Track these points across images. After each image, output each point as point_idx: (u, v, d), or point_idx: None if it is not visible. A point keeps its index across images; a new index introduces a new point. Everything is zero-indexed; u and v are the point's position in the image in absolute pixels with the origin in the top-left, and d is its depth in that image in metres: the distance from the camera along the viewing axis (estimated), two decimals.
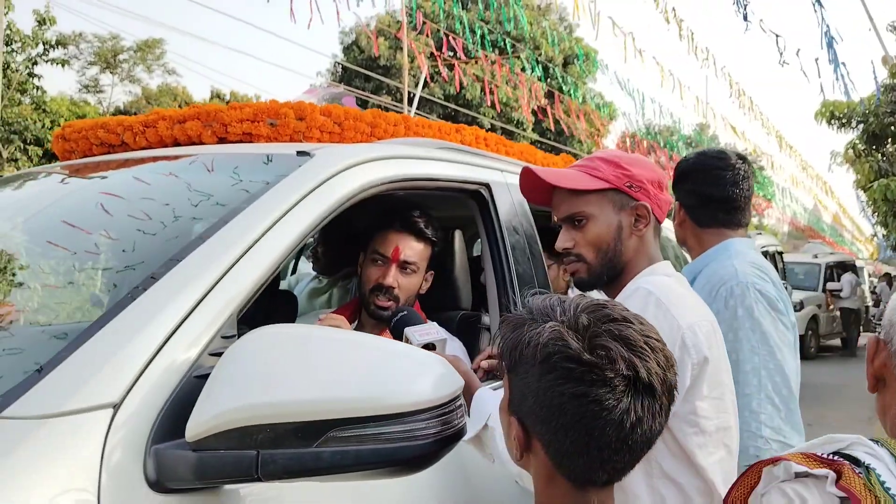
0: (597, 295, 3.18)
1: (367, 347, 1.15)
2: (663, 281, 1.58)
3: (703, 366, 1.47)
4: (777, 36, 8.29)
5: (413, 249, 2.19)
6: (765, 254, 9.14)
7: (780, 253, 10.93)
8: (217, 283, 1.28)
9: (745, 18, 7.84)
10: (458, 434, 1.17)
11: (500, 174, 2.41)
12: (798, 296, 13.14)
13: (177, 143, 2.32)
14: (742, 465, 1.77)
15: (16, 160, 15.49)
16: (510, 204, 2.35)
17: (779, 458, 1.03)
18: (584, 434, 0.97)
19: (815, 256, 16.22)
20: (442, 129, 2.67)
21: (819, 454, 1.01)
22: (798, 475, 1.02)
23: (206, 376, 1.18)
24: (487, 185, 2.27)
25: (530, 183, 1.75)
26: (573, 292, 3.33)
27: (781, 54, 8.23)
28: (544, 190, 1.73)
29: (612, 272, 1.66)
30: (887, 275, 18.66)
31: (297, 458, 1.06)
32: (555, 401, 0.98)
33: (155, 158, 2.12)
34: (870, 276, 21.04)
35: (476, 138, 2.79)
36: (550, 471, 1.04)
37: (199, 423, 1.06)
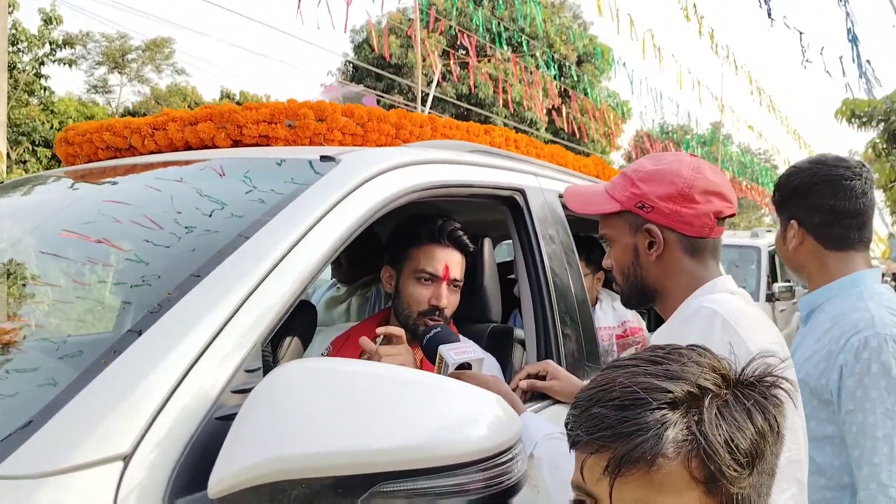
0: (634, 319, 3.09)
1: (415, 386, 1.00)
2: (728, 299, 1.42)
3: None
4: (801, 33, 8.09)
5: (459, 266, 2.06)
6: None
7: None
8: (240, 308, 1.13)
9: (770, 15, 7.64)
10: (518, 485, 1.02)
11: (534, 179, 2.26)
12: None
13: (188, 147, 2.18)
14: None
15: (24, 162, 15.41)
16: (545, 210, 2.20)
17: None
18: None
19: None
20: (470, 130, 2.52)
21: None
22: None
23: (228, 417, 1.04)
24: (522, 191, 2.12)
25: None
26: (600, 305, 3.18)
27: (804, 53, 8.04)
28: None
29: (641, 294, 1.55)
30: None
31: None
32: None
33: (165, 163, 1.97)
34: (883, 275, 20.68)
35: (506, 140, 2.64)
36: None
37: (224, 479, 0.92)
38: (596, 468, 0.82)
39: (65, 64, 14.00)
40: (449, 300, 2.03)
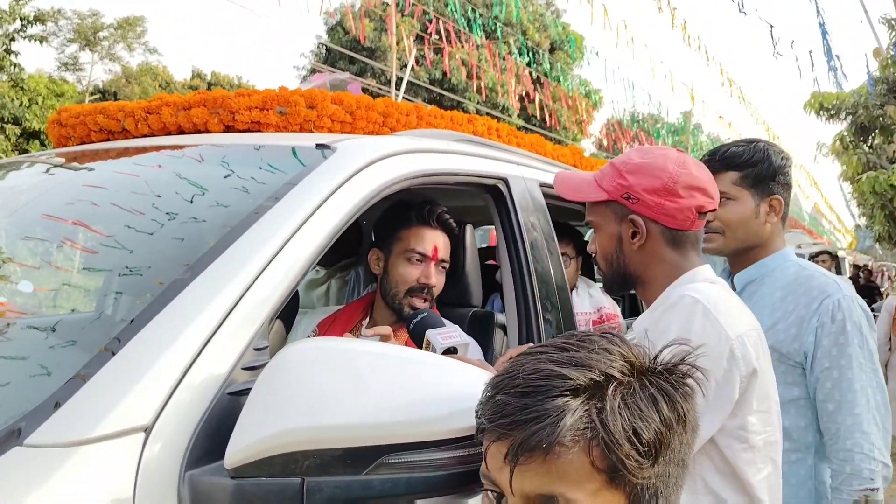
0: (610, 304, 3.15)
1: (419, 365, 1.07)
2: (709, 288, 1.49)
3: (751, 378, 1.41)
4: (771, 26, 8.24)
5: (446, 247, 2.15)
6: None
7: None
8: (248, 290, 1.18)
9: (741, 8, 7.77)
10: None
11: (516, 168, 2.33)
12: None
13: (181, 131, 2.21)
14: (856, 487, 1.74)
15: None
16: (527, 199, 2.27)
17: None
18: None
19: (799, 247, 16.25)
20: (454, 120, 2.58)
21: None
22: None
23: (239, 392, 1.10)
24: (505, 180, 2.19)
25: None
26: (577, 291, 3.27)
27: (775, 46, 8.19)
28: None
29: (623, 281, 1.62)
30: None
31: (345, 486, 0.99)
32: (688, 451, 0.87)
33: (159, 147, 2.00)
34: (851, 266, 21.11)
35: (488, 129, 2.70)
36: None
37: (240, 451, 0.98)
38: (498, 456, 0.81)
39: (35, 40, 13.69)
40: (437, 279, 2.11)
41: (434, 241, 2.10)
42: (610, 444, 0.77)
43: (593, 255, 1.68)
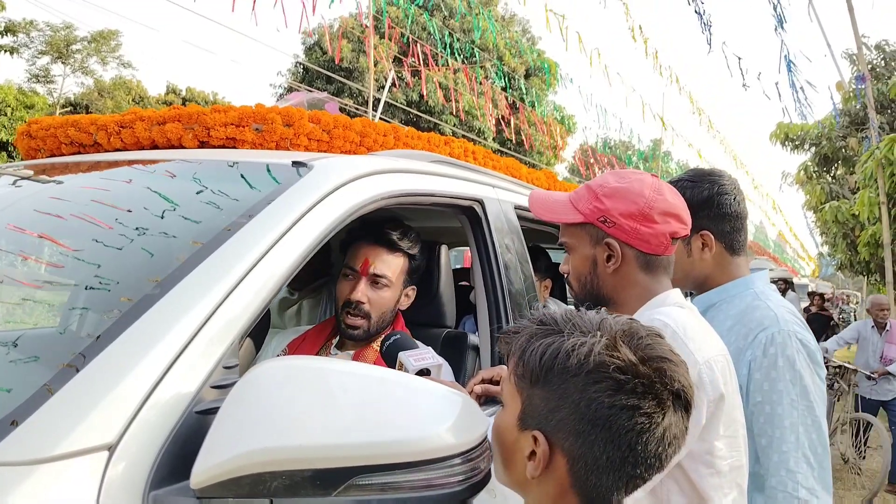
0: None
1: (389, 385, 1.06)
2: (678, 312, 1.51)
3: (719, 403, 1.41)
4: (739, 59, 8.42)
5: (385, 263, 2.08)
6: None
7: None
8: (218, 307, 1.16)
9: (709, 42, 7.95)
10: (487, 478, 1.09)
11: (492, 190, 2.34)
12: None
13: (154, 146, 2.19)
14: None
15: None
16: (502, 221, 2.28)
17: None
18: (626, 448, 0.95)
19: None
20: (431, 141, 2.59)
21: None
22: None
23: (207, 411, 1.08)
24: (480, 202, 2.20)
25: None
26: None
27: (744, 77, 8.36)
28: None
29: (595, 302, 1.62)
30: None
31: None
32: (600, 412, 0.95)
33: (131, 162, 1.98)
34: (814, 293, 21.39)
35: (465, 151, 2.72)
36: (565, 489, 1.00)
37: (206, 470, 0.95)
38: None
39: (5, 51, 13.52)
40: (368, 295, 2.04)
41: (366, 255, 2.06)
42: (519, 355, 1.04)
43: (566, 275, 1.68)
